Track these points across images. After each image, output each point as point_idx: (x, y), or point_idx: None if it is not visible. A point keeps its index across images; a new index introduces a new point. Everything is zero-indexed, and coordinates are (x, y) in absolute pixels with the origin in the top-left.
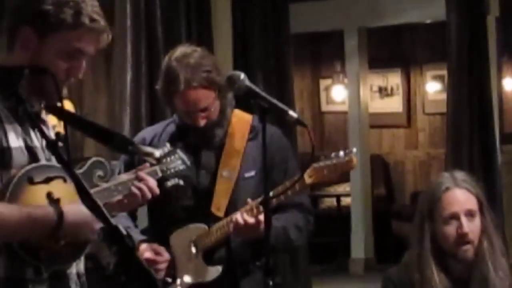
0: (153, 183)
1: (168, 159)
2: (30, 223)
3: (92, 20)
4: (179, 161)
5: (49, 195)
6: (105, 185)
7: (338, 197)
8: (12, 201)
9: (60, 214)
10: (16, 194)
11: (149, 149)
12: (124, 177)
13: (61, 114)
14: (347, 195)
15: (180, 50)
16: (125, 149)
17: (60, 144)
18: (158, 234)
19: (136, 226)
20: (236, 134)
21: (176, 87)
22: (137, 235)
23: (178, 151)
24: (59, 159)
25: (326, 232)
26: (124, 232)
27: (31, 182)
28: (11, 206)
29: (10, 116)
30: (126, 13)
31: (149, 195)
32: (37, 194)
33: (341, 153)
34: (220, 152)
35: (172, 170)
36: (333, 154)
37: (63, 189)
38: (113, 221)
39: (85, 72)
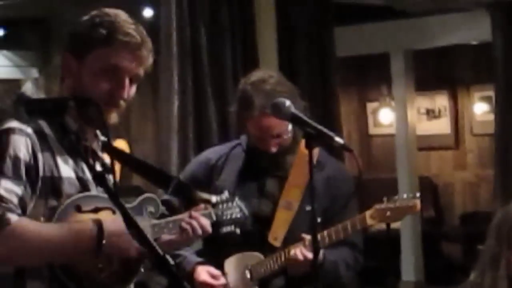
0: (205, 221)
1: (225, 205)
2: (72, 236)
3: (126, 34)
4: (236, 209)
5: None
6: (155, 221)
7: None
8: None
9: (100, 224)
10: (62, 221)
11: (206, 195)
12: (178, 216)
13: (115, 153)
14: None
15: (257, 75)
16: (182, 194)
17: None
18: (212, 257)
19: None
20: (301, 165)
21: (250, 112)
22: (193, 257)
23: (237, 199)
24: (106, 190)
25: (376, 255)
26: (172, 262)
27: (79, 210)
28: (49, 224)
29: (62, 149)
30: (172, 41)
31: (199, 232)
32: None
33: (405, 195)
34: (283, 182)
35: (228, 217)
36: (396, 197)
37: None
38: (161, 251)
39: (131, 101)
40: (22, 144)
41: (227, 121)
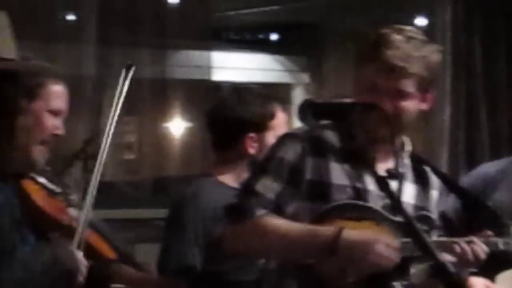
0: (481, 248)
1: None
2: (310, 235)
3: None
4: None
5: None
6: None
7: None
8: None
9: (340, 229)
10: (322, 223)
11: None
12: (454, 238)
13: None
14: None
15: None
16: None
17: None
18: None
19: None
20: None
21: None
22: None
23: None
24: (389, 196)
25: None
26: (453, 269)
27: (341, 215)
28: (291, 222)
29: (341, 156)
30: (446, 50)
31: (470, 258)
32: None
33: None
34: None
35: None
36: None
37: (372, 231)
38: (441, 258)
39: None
40: (292, 148)
41: (499, 134)
